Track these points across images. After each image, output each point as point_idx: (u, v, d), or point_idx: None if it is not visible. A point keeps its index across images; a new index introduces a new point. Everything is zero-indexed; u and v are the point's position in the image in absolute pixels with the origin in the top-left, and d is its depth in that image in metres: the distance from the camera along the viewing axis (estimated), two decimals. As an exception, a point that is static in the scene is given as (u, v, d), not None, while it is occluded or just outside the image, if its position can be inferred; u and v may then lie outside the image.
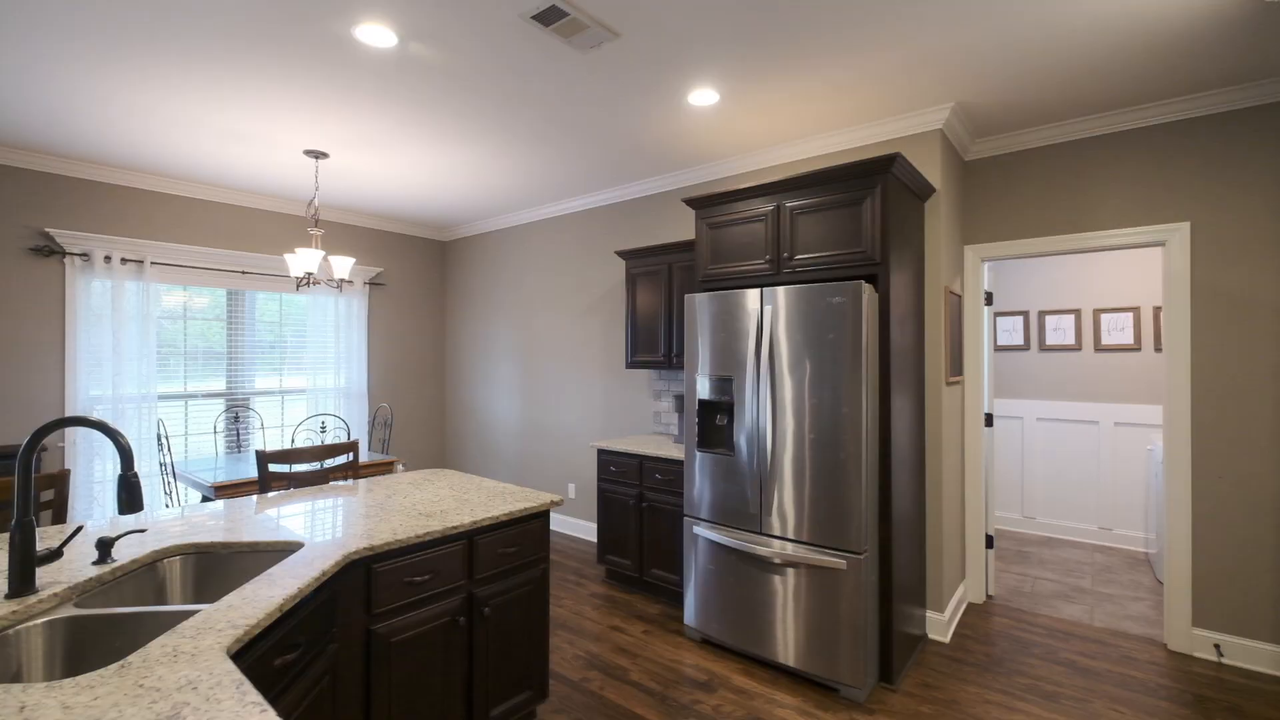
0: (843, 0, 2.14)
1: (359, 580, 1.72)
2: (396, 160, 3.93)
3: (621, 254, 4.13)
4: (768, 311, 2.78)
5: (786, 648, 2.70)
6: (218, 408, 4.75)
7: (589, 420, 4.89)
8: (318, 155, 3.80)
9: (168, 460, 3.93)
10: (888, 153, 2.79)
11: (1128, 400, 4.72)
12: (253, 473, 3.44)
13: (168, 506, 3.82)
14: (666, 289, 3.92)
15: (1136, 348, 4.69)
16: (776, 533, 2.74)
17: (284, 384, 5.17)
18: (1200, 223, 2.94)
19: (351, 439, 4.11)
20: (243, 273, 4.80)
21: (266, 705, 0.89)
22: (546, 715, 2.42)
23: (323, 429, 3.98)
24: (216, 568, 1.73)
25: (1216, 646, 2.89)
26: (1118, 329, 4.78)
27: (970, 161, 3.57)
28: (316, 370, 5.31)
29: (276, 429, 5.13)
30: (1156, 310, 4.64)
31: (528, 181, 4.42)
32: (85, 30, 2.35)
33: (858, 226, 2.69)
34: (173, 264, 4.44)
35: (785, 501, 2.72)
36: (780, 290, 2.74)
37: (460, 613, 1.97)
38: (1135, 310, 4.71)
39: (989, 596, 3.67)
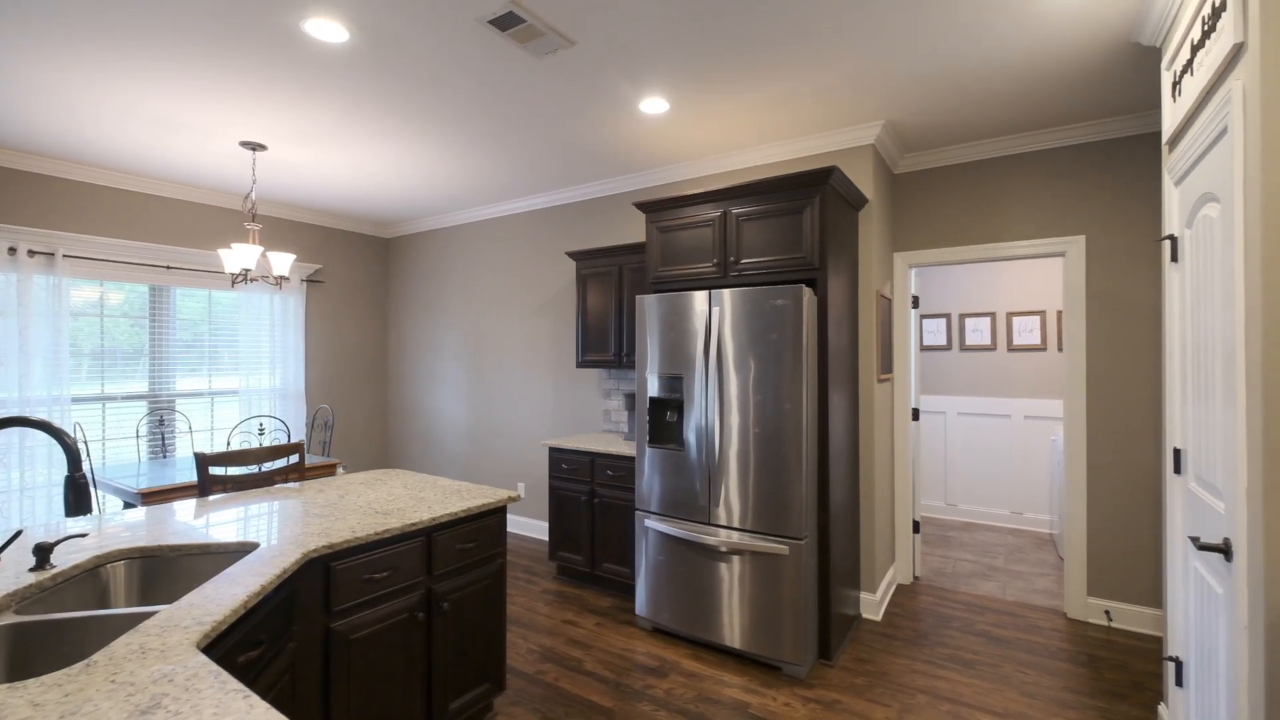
0: (785, 22, 2.30)
1: (318, 579, 1.72)
2: (340, 155, 3.84)
3: (572, 255, 4.19)
4: (715, 313, 2.92)
5: (733, 631, 2.85)
6: (140, 411, 4.48)
7: (538, 419, 4.91)
8: (255, 147, 3.66)
9: (86, 466, 3.68)
10: (826, 165, 2.99)
11: (1036, 395, 5.18)
12: (182, 478, 3.29)
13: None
14: (617, 290, 4.01)
15: (1043, 348, 5.16)
16: (723, 523, 2.89)
17: (213, 385, 4.92)
18: (1094, 236, 3.30)
19: (293, 441, 3.98)
20: (167, 268, 4.54)
21: (249, 691, 0.92)
22: (504, 707, 2.46)
23: (261, 431, 3.83)
24: (163, 572, 1.69)
25: (1107, 613, 3.25)
26: (1027, 330, 5.24)
27: (899, 174, 3.84)
28: (250, 371, 5.08)
29: (206, 432, 4.88)
30: (1059, 314, 5.12)
31: (477, 180, 4.40)
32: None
33: (798, 233, 2.86)
34: (89, 257, 4.15)
35: (732, 493, 2.87)
36: (727, 292, 2.88)
37: (419, 608, 1.99)
38: (1042, 314, 5.18)
39: (916, 577, 3.97)
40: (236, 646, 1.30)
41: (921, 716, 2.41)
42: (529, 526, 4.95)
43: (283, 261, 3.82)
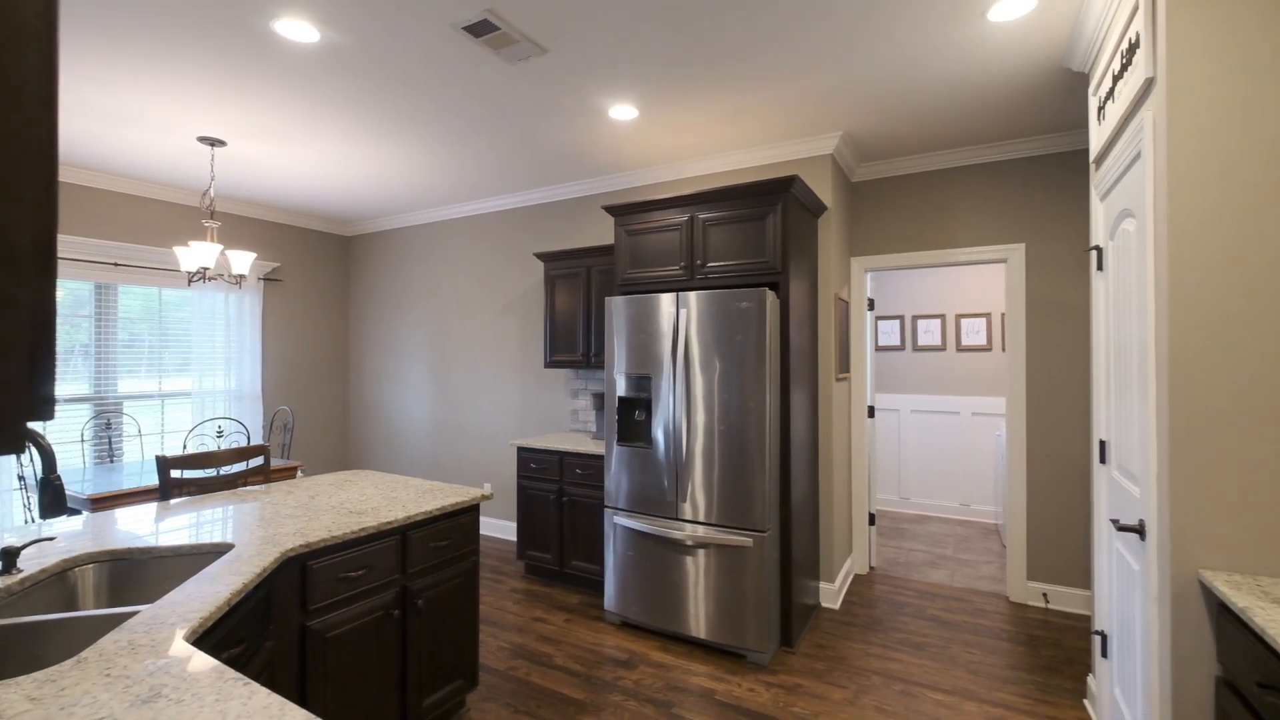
0: (748, 38, 2.41)
1: (294, 578, 1.73)
2: (302, 152, 3.78)
3: (540, 256, 4.23)
4: (683, 314, 3.02)
5: (699, 622, 2.95)
6: (84, 414, 4.29)
7: (505, 420, 4.92)
8: (214, 143, 3.57)
9: (27, 472, 3.53)
10: (788, 174, 3.12)
11: (983, 393, 5.48)
12: (131, 483, 3.21)
13: (28, 523, 3.43)
14: (585, 291, 4.07)
15: (989, 348, 5.46)
16: (690, 517, 2.99)
17: (164, 387, 4.76)
18: (1033, 244, 3.54)
19: (253, 444, 3.89)
20: (115, 264, 4.37)
21: (248, 679, 0.96)
22: (476, 703, 2.50)
23: (219, 434, 3.73)
24: (133, 575, 1.68)
25: (1044, 595, 3.50)
26: (974, 332, 5.54)
27: (856, 183, 4.02)
28: (203, 371, 4.93)
29: (156, 435, 4.71)
30: (1003, 316, 5.43)
31: (444, 180, 4.39)
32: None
33: (762, 238, 2.99)
34: (30, 253, 3.96)
35: (698, 488, 2.97)
36: (693, 295, 2.98)
37: (394, 606, 2.02)
38: (988, 316, 5.48)
39: (872, 567, 4.16)
40: (220, 644, 1.32)
41: (876, 696, 2.56)
42: (495, 527, 4.95)
43: (243, 260, 3.74)
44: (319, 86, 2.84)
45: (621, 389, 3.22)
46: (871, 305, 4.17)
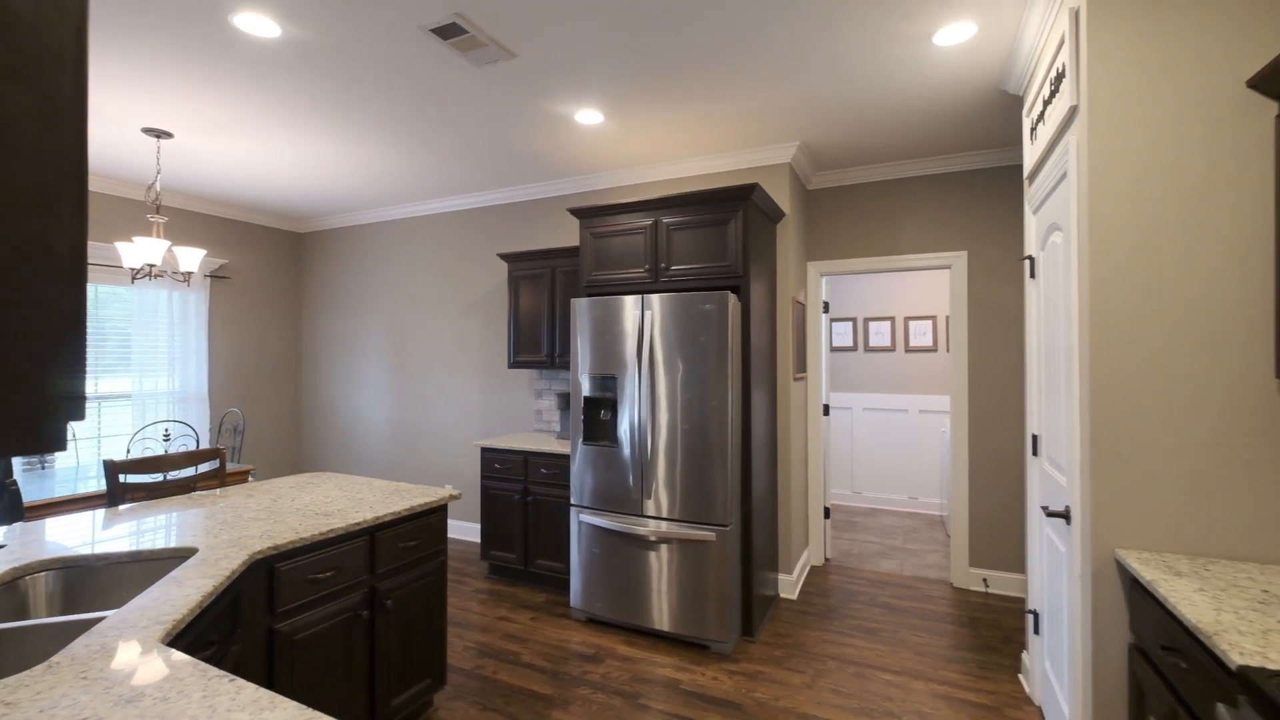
0: (711, 49, 2.50)
1: (261, 581, 1.72)
2: (256, 147, 3.67)
3: (504, 256, 4.23)
4: (648, 316, 3.09)
5: (664, 616, 3.03)
6: (14, 417, 4.04)
7: (466, 420, 4.89)
8: (160, 135, 3.44)
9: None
10: (749, 181, 3.24)
11: (929, 392, 5.77)
12: (66, 490, 3.07)
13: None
14: (550, 292, 4.09)
15: (935, 349, 5.76)
16: (655, 514, 3.06)
17: (100, 388, 4.52)
18: (974, 252, 3.77)
19: (202, 448, 3.76)
20: (49, 259, 4.13)
21: (233, 676, 0.97)
22: (444, 702, 2.51)
23: (166, 437, 3.58)
24: (88, 582, 1.63)
25: (985, 580, 3.73)
26: (922, 333, 5.82)
27: (812, 190, 4.19)
28: (144, 372, 4.71)
29: (92, 439, 4.47)
30: (947, 319, 5.72)
31: (406, 178, 4.34)
32: None
33: (724, 243, 3.09)
34: (-48, 246, 3.71)
35: (663, 485, 3.05)
36: (658, 297, 3.06)
37: (363, 607, 2.02)
38: (934, 318, 5.77)
39: (827, 559, 4.34)
40: (190, 647, 1.31)
41: (832, 679, 2.70)
42: (457, 529, 4.91)
43: (191, 257, 3.61)
44: (278, 82, 2.78)
45: (587, 389, 3.27)
46: (826, 308, 4.34)
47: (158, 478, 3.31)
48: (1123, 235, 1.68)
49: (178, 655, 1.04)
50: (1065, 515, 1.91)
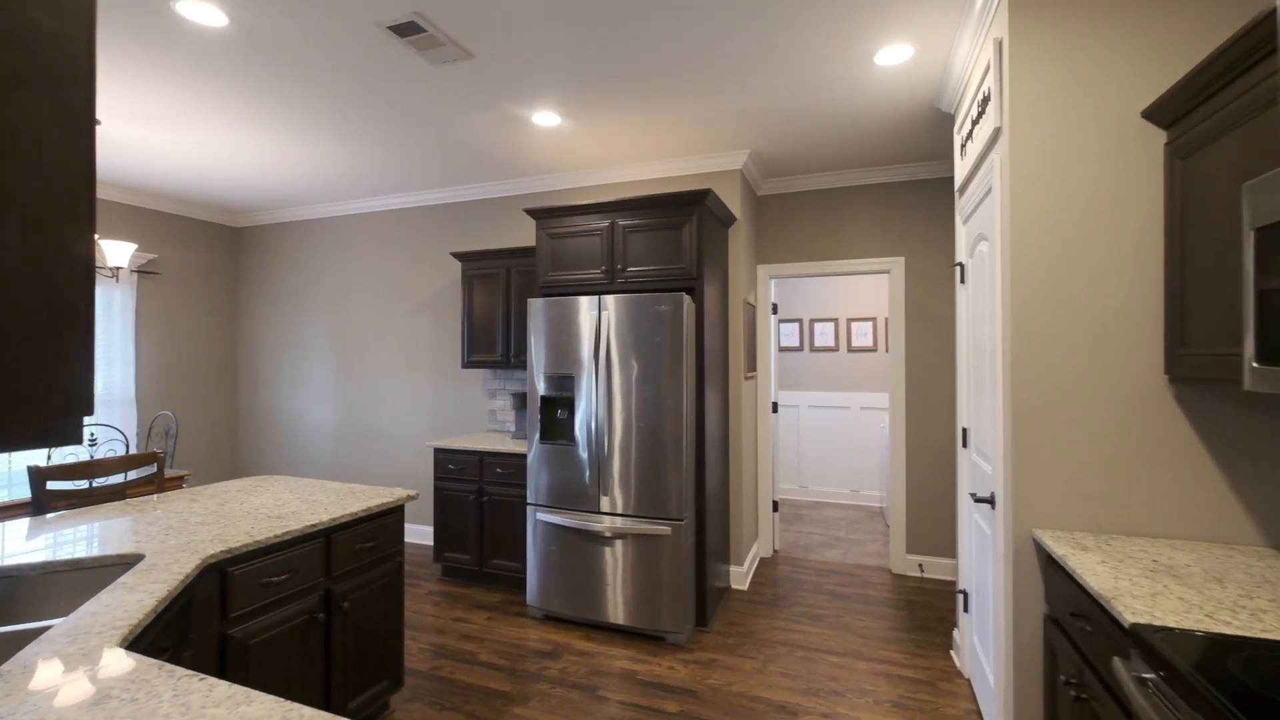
0: (666, 57, 2.58)
1: (213, 585, 1.68)
2: (192, 138, 3.50)
3: (458, 255, 4.19)
4: (604, 316, 3.15)
5: (620, 610, 3.10)
6: (-89, 422, 3.70)
7: (418, 421, 4.81)
8: (86, 120, 3.23)
9: None
10: (702, 186, 3.34)
11: (870, 390, 6.06)
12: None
13: None
14: (505, 291, 4.08)
15: (875, 349, 6.06)
16: (610, 510, 3.12)
17: (12, 390, 4.19)
18: (911, 258, 4.01)
19: (135, 452, 3.55)
20: (-49, 250, 3.80)
21: (203, 675, 0.97)
22: (401, 704, 2.49)
23: (93, 442, 3.37)
24: (19, 593, 1.55)
25: (920, 566, 3.98)
26: (863, 334, 6.11)
27: (762, 196, 4.35)
28: (64, 373, 4.39)
29: (3, 446, 4.14)
30: (886, 320, 6.04)
31: (355, 174, 4.23)
32: None
33: (679, 246, 3.18)
34: None
35: (619, 482, 3.11)
36: (615, 298, 3.12)
37: (319, 609, 1.99)
38: (874, 320, 6.07)
39: (775, 551, 4.51)
40: (144, 654, 1.28)
41: (781, 664, 2.83)
42: (408, 531, 4.82)
43: (121, 251, 3.41)
44: (221, 72, 2.68)
45: (544, 388, 3.30)
46: (775, 309, 4.51)
47: (85, 484, 3.12)
48: (1040, 247, 1.86)
49: (141, 659, 1.03)
50: (991, 501, 2.08)
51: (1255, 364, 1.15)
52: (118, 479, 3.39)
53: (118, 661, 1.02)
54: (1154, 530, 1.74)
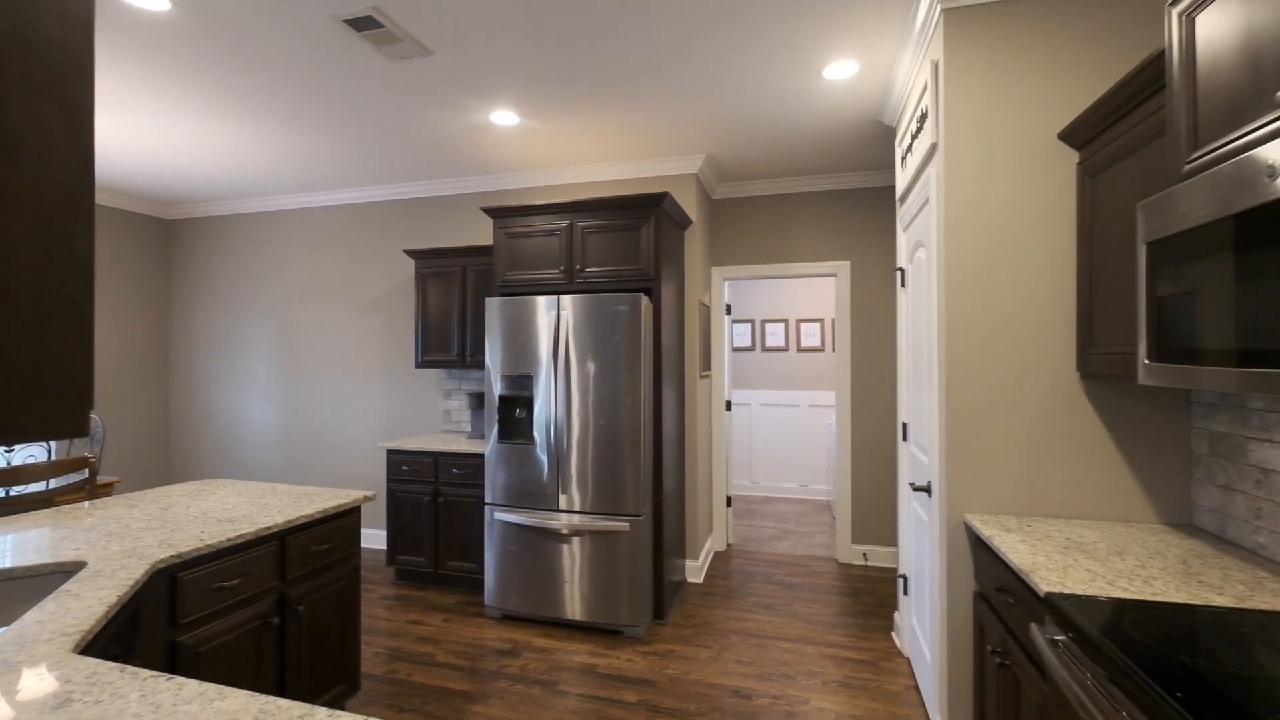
0: (624, 62, 2.64)
1: (161, 592, 1.63)
2: (122, 127, 3.32)
3: (411, 253, 4.12)
4: (563, 316, 3.18)
5: (579, 606, 3.14)
6: None
7: (368, 423, 4.70)
8: None
9: None
10: (660, 188, 3.42)
11: (818, 388, 6.30)
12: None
13: None
14: (460, 290, 4.05)
15: (823, 349, 6.30)
16: (569, 508, 3.16)
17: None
18: (856, 262, 4.22)
19: (61, 457, 3.34)
20: None
21: (170, 675, 0.97)
22: (357, 708, 2.45)
23: (9, 448, 3.15)
24: (-53, 605, 1.47)
25: (864, 554, 4.19)
26: (811, 335, 6.35)
27: (716, 200, 4.47)
28: (-27, 373, 4.07)
29: (-98, 453, 3.80)
30: (833, 321, 6.29)
31: (301, 167, 4.09)
32: None
33: (637, 247, 3.25)
34: None
35: (577, 479, 3.15)
36: (573, 298, 3.16)
37: (273, 614, 1.95)
38: (822, 321, 6.32)
39: (729, 544, 4.64)
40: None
41: (736, 651, 2.94)
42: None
43: (43, 243, 3.20)
44: (159, 58, 2.56)
45: (502, 388, 3.30)
46: (729, 310, 4.64)
47: (1, 493, 2.92)
48: (972, 255, 2.02)
49: (100, 663, 1.01)
50: (928, 489, 2.24)
51: (1146, 361, 1.31)
52: (42, 486, 3.18)
53: (75, 666, 1.00)
54: (1068, 512, 1.92)
